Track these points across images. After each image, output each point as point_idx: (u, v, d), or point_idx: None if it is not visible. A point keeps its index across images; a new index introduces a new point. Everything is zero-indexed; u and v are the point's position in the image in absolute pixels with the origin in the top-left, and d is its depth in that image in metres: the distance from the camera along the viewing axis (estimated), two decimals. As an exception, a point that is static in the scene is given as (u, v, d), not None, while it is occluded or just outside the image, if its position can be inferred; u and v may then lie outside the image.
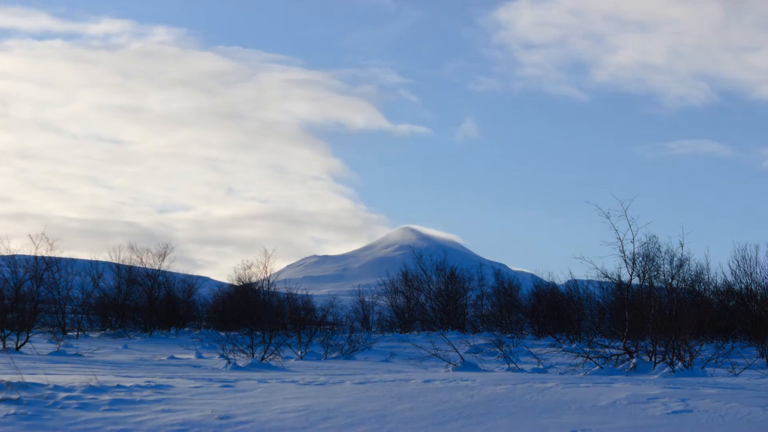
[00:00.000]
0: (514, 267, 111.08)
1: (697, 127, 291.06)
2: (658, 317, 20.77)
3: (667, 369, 19.03)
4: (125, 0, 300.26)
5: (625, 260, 22.47)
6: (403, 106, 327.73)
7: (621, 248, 22.29)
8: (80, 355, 26.03)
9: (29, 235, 36.82)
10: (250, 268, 47.95)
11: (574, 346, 30.07)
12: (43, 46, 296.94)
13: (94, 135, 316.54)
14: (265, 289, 45.34)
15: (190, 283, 53.47)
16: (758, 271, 38.33)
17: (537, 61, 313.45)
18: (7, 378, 12.72)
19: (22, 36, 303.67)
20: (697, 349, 21.30)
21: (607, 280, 29.56)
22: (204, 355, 27.73)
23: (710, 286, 43.00)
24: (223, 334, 34.18)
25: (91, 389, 12.24)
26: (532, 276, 53.80)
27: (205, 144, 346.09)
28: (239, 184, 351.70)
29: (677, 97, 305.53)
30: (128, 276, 50.17)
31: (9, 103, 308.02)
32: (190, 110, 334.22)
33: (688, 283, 40.30)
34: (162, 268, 51.38)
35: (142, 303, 49.85)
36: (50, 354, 25.83)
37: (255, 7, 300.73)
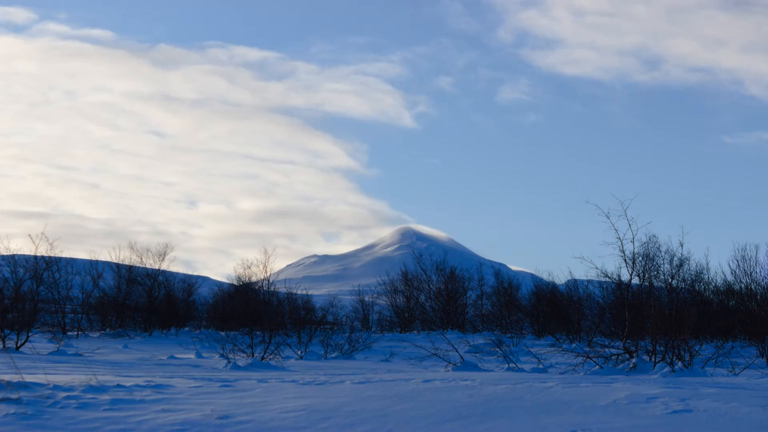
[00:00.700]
0: (514, 267, 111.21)
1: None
2: (658, 317, 20.75)
3: (667, 369, 19.02)
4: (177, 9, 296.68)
5: (625, 260, 22.49)
6: (425, 98, 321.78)
7: (621, 248, 22.29)
8: (80, 355, 26.02)
9: (29, 235, 36.94)
10: (250, 267, 48.10)
11: (574, 345, 30.06)
12: (78, 35, 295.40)
13: (133, 128, 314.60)
14: (265, 288, 45.47)
15: (190, 282, 53.51)
16: (758, 271, 38.38)
17: (584, 40, 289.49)
18: (7, 378, 12.72)
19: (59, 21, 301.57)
20: (697, 349, 21.30)
21: (607, 279, 29.62)
22: (204, 354, 27.72)
23: (710, 286, 43.14)
24: (223, 333, 34.18)
25: (91, 389, 12.24)
26: (532, 276, 53.80)
27: (246, 138, 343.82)
28: (275, 179, 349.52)
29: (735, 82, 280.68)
30: (128, 276, 50.21)
31: (46, 91, 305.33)
32: (232, 104, 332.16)
33: (688, 282, 40.40)
34: (162, 268, 51.47)
35: (142, 303, 49.89)
36: (50, 354, 25.82)
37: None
